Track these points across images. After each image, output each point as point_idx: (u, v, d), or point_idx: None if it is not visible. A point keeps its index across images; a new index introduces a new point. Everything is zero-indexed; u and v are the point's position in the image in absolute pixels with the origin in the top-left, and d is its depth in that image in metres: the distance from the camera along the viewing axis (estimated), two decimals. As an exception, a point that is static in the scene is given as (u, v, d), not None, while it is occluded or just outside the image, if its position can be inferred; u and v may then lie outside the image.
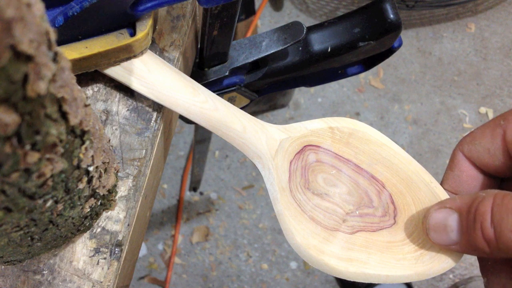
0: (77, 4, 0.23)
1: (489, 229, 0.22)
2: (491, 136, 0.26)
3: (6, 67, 0.11)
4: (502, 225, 0.22)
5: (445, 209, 0.25)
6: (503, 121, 0.25)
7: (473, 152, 0.27)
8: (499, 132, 0.25)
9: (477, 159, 0.26)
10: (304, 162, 0.28)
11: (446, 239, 0.25)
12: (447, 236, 0.25)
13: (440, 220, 0.25)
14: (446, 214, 0.25)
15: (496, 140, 0.25)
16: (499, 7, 1.30)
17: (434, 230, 0.25)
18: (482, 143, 0.26)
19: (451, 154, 0.28)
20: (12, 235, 0.20)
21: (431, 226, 0.26)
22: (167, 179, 1.15)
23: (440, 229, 0.25)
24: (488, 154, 0.26)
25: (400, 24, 0.33)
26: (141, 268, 1.10)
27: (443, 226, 0.25)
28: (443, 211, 0.25)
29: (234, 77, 0.36)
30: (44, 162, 0.16)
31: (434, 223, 0.25)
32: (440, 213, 0.25)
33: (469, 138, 0.27)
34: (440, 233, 0.25)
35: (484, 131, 0.26)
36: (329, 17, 1.27)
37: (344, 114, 1.20)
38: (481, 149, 0.26)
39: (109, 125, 0.28)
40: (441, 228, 0.25)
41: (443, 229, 0.25)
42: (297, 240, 0.26)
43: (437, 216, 0.25)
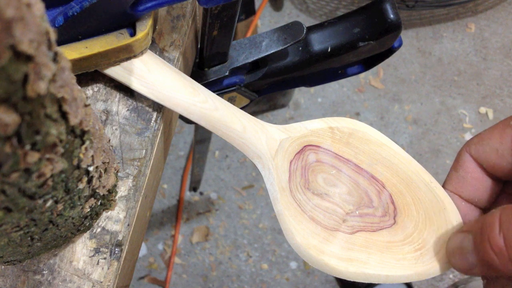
0: (77, 4, 0.23)
1: (497, 239, 0.21)
2: (500, 137, 0.25)
3: (6, 67, 0.11)
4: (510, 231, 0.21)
5: (462, 232, 0.25)
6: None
7: (480, 153, 0.26)
8: (508, 133, 0.25)
9: (484, 160, 0.26)
10: (304, 162, 0.28)
11: (465, 262, 0.24)
12: (465, 259, 0.24)
13: (457, 244, 0.25)
14: (462, 236, 0.24)
15: (505, 140, 0.25)
16: (499, 7, 1.30)
17: (453, 256, 0.25)
18: (491, 144, 0.26)
19: (457, 155, 0.27)
20: (12, 235, 0.20)
21: (449, 251, 0.25)
22: (167, 179, 1.15)
23: (457, 253, 0.25)
24: (496, 154, 0.25)
25: (400, 24, 0.33)
26: (141, 268, 1.10)
27: (460, 249, 0.24)
28: (460, 235, 0.25)
29: (234, 77, 0.36)
30: (44, 162, 0.16)
31: (452, 248, 0.25)
32: (457, 237, 0.25)
33: (476, 139, 0.26)
34: (458, 257, 0.25)
35: (493, 131, 0.26)
36: (329, 17, 1.27)
37: (344, 114, 1.20)
38: (489, 149, 0.26)
39: (109, 125, 0.28)
40: (458, 252, 0.25)
41: (460, 252, 0.24)
42: (297, 240, 0.26)
43: (454, 240, 0.25)
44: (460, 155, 0.27)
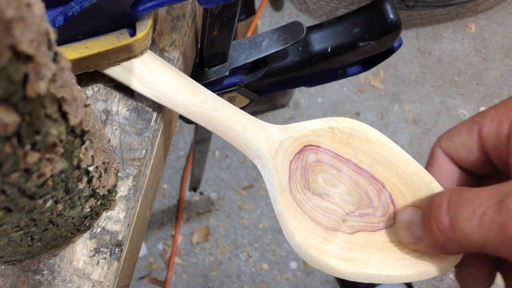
0: (77, 4, 0.23)
1: (443, 218, 0.22)
2: (467, 132, 0.26)
3: (6, 67, 0.11)
4: (458, 214, 0.22)
5: (412, 207, 0.26)
6: (479, 118, 0.26)
7: (450, 148, 0.27)
8: (475, 129, 0.26)
9: (454, 154, 0.27)
10: (304, 162, 0.28)
11: (412, 236, 0.25)
12: (412, 233, 0.25)
13: (406, 218, 0.26)
14: (413, 211, 0.25)
15: (472, 136, 0.26)
16: (499, 7, 1.30)
17: (401, 228, 0.26)
18: (459, 139, 0.27)
19: (431, 150, 0.28)
20: (12, 235, 0.20)
21: (399, 224, 0.26)
22: (167, 179, 1.15)
23: (406, 226, 0.26)
24: (465, 149, 0.26)
25: (400, 24, 0.33)
26: (141, 268, 1.10)
27: (409, 223, 0.25)
28: (410, 209, 0.26)
29: (234, 77, 0.36)
30: (44, 162, 0.16)
31: (401, 221, 0.26)
32: (407, 211, 0.26)
33: (447, 135, 0.28)
34: (406, 230, 0.26)
35: (462, 127, 0.27)
36: (329, 17, 1.27)
37: (344, 114, 1.20)
38: (458, 144, 0.27)
39: (109, 125, 0.28)
40: (406, 225, 0.26)
41: (408, 226, 0.25)
42: (297, 240, 0.26)
43: (404, 213, 0.26)
44: (433, 151, 0.28)
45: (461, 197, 0.22)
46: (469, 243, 0.22)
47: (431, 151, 0.28)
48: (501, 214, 0.20)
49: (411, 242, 0.25)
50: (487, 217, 0.21)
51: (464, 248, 0.22)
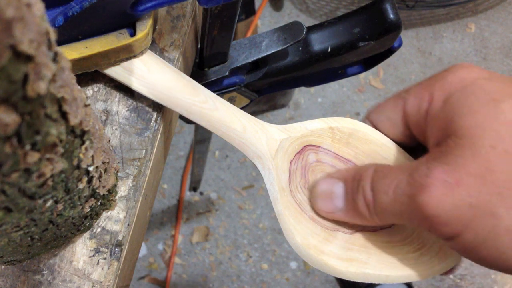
0: (77, 4, 0.23)
1: (368, 192, 0.24)
2: (393, 107, 0.27)
3: (6, 67, 0.11)
4: (378, 188, 0.23)
5: (332, 178, 0.27)
6: (405, 94, 0.27)
7: (377, 120, 0.28)
8: (400, 103, 0.27)
9: (381, 127, 0.28)
10: (304, 162, 0.28)
11: (331, 206, 0.26)
12: (332, 203, 0.26)
13: (326, 188, 0.27)
14: (332, 182, 0.27)
15: (396, 110, 0.27)
16: (499, 7, 1.30)
17: (320, 198, 0.27)
18: (385, 112, 0.28)
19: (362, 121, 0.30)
20: (12, 235, 0.20)
21: (318, 194, 0.27)
22: (167, 179, 1.15)
23: (326, 196, 0.27)
24: (390, 123, 0.28)
25: (400, 24, 0.33)
26: (141, 268, 1.10)
27: (329, 193, 0.26)
28: (330, 180, 0.27)
29: (234, 77, 0.36)
30: (44, 162, 0.16)
31: (321, 191, 0.27)
32: (327, 182, 0.27)
33: (375, 108, 0.29)
34: (325, 200, 0.27)
35: (388, 101, 0.28)
36: (329, 17, 1.27)
37: (344, 114, 1.20)
38: (384, 118, 0.28)
39: (109, 125, 0.28)
40: (327, 195, 0.27)
41: (329, 196, 0.26)
42: (297, 240, 0.26)
43: (324, 185, 0.27)
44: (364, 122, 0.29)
45: (381, 172, 0.24)
46: (388, 215, 0.23)
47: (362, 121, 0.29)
48: (409, 186, 0.22)
49: (329, 211, 0.27)
50: (399, 190, 0.22)
51: (384, 220, 0.24)
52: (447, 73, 0.25)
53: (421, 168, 0.22)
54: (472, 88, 0.23)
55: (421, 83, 0.26)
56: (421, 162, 0.22)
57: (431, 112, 0.25)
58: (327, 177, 0.27)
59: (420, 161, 0.23)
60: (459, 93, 0.23)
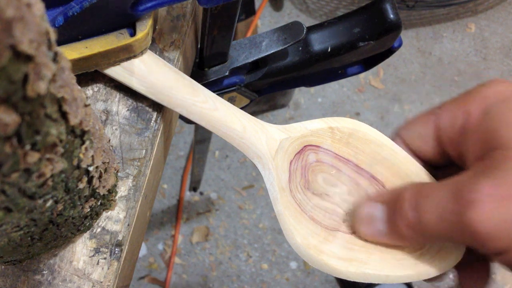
0: (77, 4, 0.23)
1: (409, 214, 0.23)
2: (424, 122, 0.27)
3: (6, 67, 0.11)
4: (420, 209, 0.23)
5: (372, 202, 0.26)
6: (438, 110, 0.26)
7: (408, 137, 0.28)
8: (432, 119, 0.26)
9: (411, 144, 0.28)
10: (304, 162, 0.28)
11: (374, 230, 0.26)
12: (374, 227, 0.26)
13: (367, 213, 0.26)
14: (373, 206, 0.26)
15: (428, 126, 0.26)
16: (499, 7, 1.30)
17: (361, 223, 0.26)
18: (416, 128, 0.27)
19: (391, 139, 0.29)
20: (12, 235, 0.20)
21: (359, 218, 0.27)
22: (167, 179, 1.15)
23: (367, 221, 0.26)
24: (421, 139, 0.27)
25: (400, 24, 0.33)
26: (141, 268, 1.10)
27: (370, 217, 0.26)
28: (370, 204, 0.26)
29: (234, 77, 0.36)
30: (44, 162, 0.16)
31: (362, 217, 0.26)
32: (367, 206, 0.26)
33: (405, 124, 0.28)
34: (367, 225, 0.26)
35: (420, 117, 0.27)
36: (329, 17, 1.27)
37: (344, 114, 1.20)
38: (414, 134, 0.27)
39: (109, 125, 0.28)
40: (368, 220, 0.26)
41: (370, 221, 0.26)
42: (297, 240, 0.26)
43: (365, 209, 0.26)
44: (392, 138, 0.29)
45: (422, 192, 0.23)
46: (433, 235, 0.23)
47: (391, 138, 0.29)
48: (457, 204, 0.21)
49: (372, 236, 0.26)
50: (445, 208, 0.22)
51: (429, 240, 0.24)
52: (482, 87, 0.24)
53: (467, 184, 0.21)
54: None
55: (455, 99, 0.26)
56: (465, 177, 0.22)
57: (468, 126, 0.24)
58: (368, 201, 0.27)
59: (463, 177, 0.22)
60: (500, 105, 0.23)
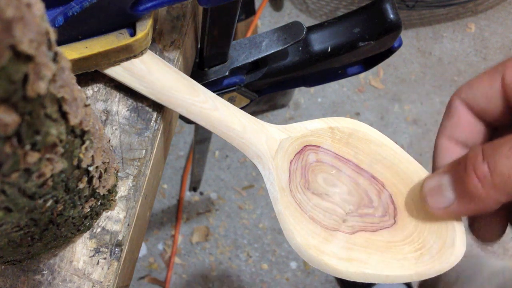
0: (77, 4, 0.23)
1: (481, 166, 0.22)
2: (489, 81, 0.25)
3: (6, 67, 0.11)
4: (496, 156, 0.21)
5: (437, 173, 0.25)
6: (501, 67, 0.25)
7: (470, 98, 0.26)
8: (497, 77, 0.25)
9: (474, 104, 0.26)
10: (304, 162, 0.28)
11: (443, 200, 0.24)
12: (443, 197, 0.24)
13: (433, 184, 0.25)
14: (439, 177, 0.25)
15: (494, 84, 0.25)
16: (499, 7, 1.30)
17: (430, 195, 0.25)
18: (480, 88, 0.25)
19: (448, 103, 0.27)
20: (12, 235, 0.20)
21: (426, 192, 0.25)
22: (167, 179, 1.15)
23: (435, 192, 0.25)
24: (486, 99, 0.25)
25: (400, 24, 0.33)
26: (141, 268, 1.10)
27: (437, 187, 0.25)
28: (436, 176, 0.25)
29: (234, 77, 0.36)
30: (44, 162, 0.16)
31: (429, 188, 0.25)
32: (433, 178, 0.25)
33: (466, 85, 0.26)
34: (436, 196, 0.25)
35: (482, 77, 0.26)
36: (329, 17, 1.27)
37: (344, 114, 1.20)
38: (478, 94, 0.26)
39: (109, 125, 0.28)
40: (436, 190, 0.25)
41: (438, 190, 0.25)
42: (297, 240, 0.26)
43: (431, 181, 0.25)
44: (451, 102, 0.27)
45: (494, 144, 0.22)
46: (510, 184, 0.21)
47: (449, 103, 0.27)
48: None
49: (444, 206, 0.24)
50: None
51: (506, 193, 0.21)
52: None
53: None
54: None
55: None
56: None
57: None
58: (431, 174, 0.26)
59: None
60: None
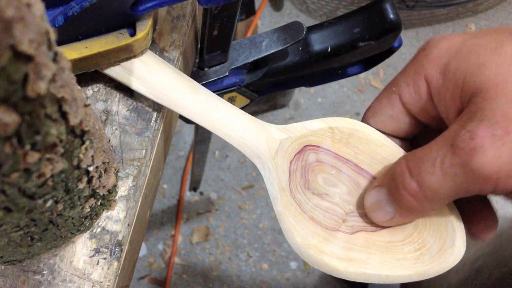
0: (77, 4, 0.23)
1: (410, 183, 0.23)
2: (389, 104, 0.27)
3: (6, 67, 0.11)
4: (421, 174, 0.22)
5: (374, 188, 0.26)
6: (394, 87, 0.26)
7: (378, 123, 0.28)
8: (395, 98, 0.26)
9: (384, 128, 0.28)
10: (304, 162, 0.28)
11: (385, 214, 0.26)
12: (384, 212, 0.25)
13: (372, 200, 0.26)
14: (376, 191, 0.26)
15: (395, 105, 0.26)
16: (499, 7, 1.30)
17: (372, 211, 0.26)
18: (384, 112, 0.27)
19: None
20: (12, 235, 0.20)
21: (369, 208, 0.26)
22: (167, 179, 1.15)
23: (376, 207, 0.26)
24: (392, 120, 0.27)
25: (400, 24, 0.33)
26: (141, 268, 1.10)
27: (377, 203, 0.26)
28: (373, 191, 0.26)
29: (234, 77, 0.36)
30: (44, 162, 0.16)
31: (370, 204, 0.26)
32: (372, 193, 0.26)
33: (370, 112, 0.28)
34: (377, 211, 0.26)
35: (381, 101, 0.27)
36: (329, 17, 1.27)
37: (344, 114, 1.20)
38: (384, 118, 0.27)
39: (109, 125, 0.28)
40: (376, 206, 0.26)
41: (378, 206, 0.26)
42: (297, 240, 0.26)
43: (370, 197, 0.26)
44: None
45: (416, 158, 0.23)
46: (442, 195, 0.22)
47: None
48: (458, 156, 0.21)
49: (386, 220, 0.26)
50: (446, 164, 0.21)
51: (439, 202, 0.23)
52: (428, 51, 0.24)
53: (461, 134, 0.21)
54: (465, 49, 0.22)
55: (405, 71, 0.26)
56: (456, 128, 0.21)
57: (434, 89, 0.24)
58: (370, 188, 0.27)
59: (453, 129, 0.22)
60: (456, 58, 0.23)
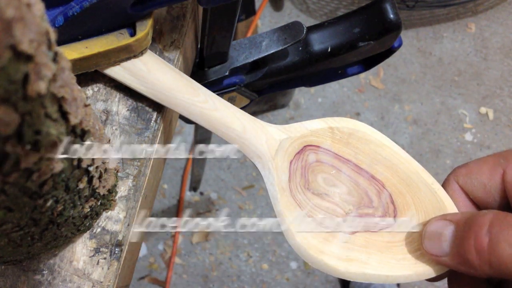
0: (77, 4, 0.23)
1: (483, 238, 0.21)
2: (489, 173, 0.25)
3: (6, 67, 0.11)
4: (499, 237, 0.21)
5: (444, 220, 0.25)
6: (503, 160, 0.25)
7: (468, 185, 0.26)
8: (498, 171, 0.25)
9: (471, 192, 0.26)
10: (304, 162, 0.28)
11: (438, 249, 0.24)
12: (439, 246, 0.24)
13: (437, 229, 0.25)
14: (444, 224, 0.25)
15: (494, 178, 0.25)
16: (499, 7, 1.30)
17: (429, 238, 0.25)
18: (479, 178, 0.26)
19: (444, 181, 0.28)
20: (12, 235, 0.20)
21: (427, 234, 0.25)
22: (167, 179, 1.15)
23: (434, 237, 0.25)
24: (484, 190, 0.25)
25: (400, 24, 0.33)
26: (141, 268, 1.10)
27: (438, 235, 0.25)
28: (442, 222, 0.25)
29: (234, 77, 0.36)
30: (44, 162, 0.16)
31: (431, 231, 0.25)
32: (439, 223, 0.25)
33: (465, 170, 0.27)
34: (433, 241, 0.25)
35: (482, 166, 0.26)
36: (329, 17, 1.27)
37: (344, 114, 1.20)
38: (477, 184, 0.26)
39: (109, 125, 0.28)
40: (436, 236, 0.25)
41: (438, 238, 0.25)
42: (297, 240, 0.26)
43: (435, 225, 0.25)
44: (448, 183, 0.27)
45: (505, 220, 0.21)
46: (505, 268, 0.21)
47: (446, 182, 0.27)
48: None
49: (436, 254, 0.25)
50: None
51: (497, 272, 0.21)
52: None
53: None
54: None
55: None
56: None
57: None
58: (440, 217, 0.26)
59: None
60: None
